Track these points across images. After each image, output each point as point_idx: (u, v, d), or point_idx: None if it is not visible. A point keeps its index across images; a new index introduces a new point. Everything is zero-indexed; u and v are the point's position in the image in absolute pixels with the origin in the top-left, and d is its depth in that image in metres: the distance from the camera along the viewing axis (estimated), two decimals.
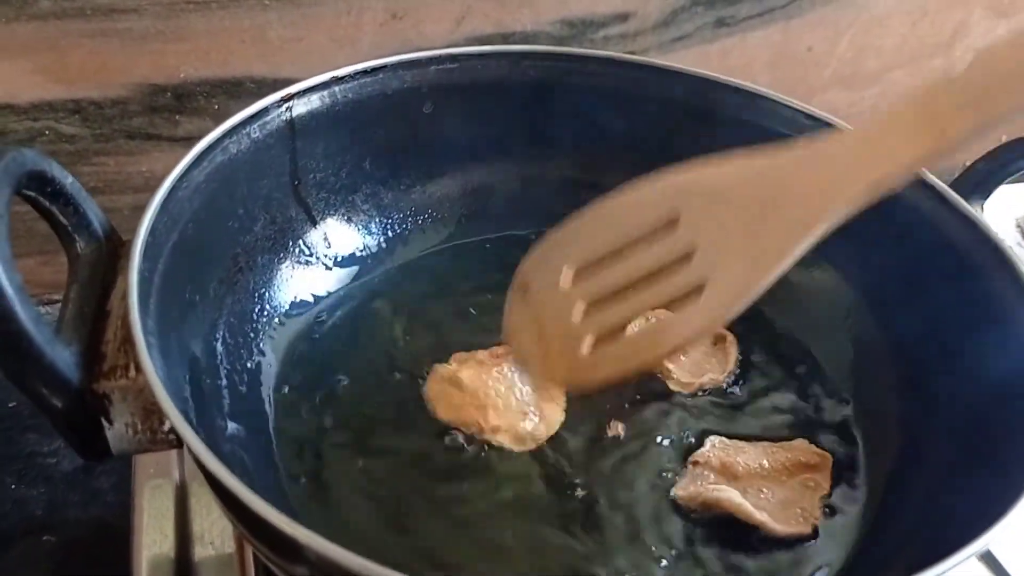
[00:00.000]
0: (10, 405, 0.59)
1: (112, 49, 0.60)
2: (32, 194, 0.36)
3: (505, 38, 0.68)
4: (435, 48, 0.66)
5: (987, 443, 0.39)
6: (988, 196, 0.48)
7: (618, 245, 0.43)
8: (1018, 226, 0.76)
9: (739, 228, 0.41)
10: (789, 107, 0.54)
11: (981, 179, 0.48)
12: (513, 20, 0.68)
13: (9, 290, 0.30)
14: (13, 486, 0.55)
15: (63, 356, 0.33)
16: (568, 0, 0.68)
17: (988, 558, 0.50)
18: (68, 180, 0.37)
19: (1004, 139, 0.91)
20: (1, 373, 0.35)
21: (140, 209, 0.66)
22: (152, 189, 0.66)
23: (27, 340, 0.31)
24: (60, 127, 0.62)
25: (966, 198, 0.47)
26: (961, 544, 0.30)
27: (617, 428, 0.48)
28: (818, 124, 0.53)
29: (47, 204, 0.37)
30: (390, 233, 0.57)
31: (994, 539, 0.31)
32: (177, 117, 0.64)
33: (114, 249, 0.40)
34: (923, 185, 0.48)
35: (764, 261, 0.40)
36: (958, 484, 0.39)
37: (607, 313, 0.42)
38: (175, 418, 0.30)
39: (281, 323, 0.50)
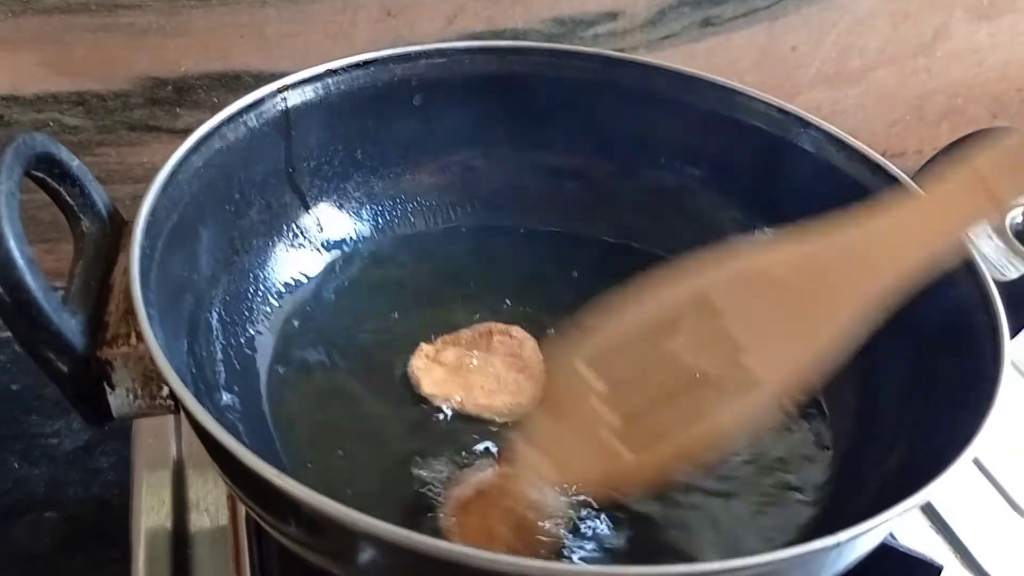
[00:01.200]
0: (13, 388, 0.61)
1: (115, 43, 0.62)
2: (41, 175, 0.38)
3: (496, 35, 0.70)
4: (428, 44, 0.68)
5: (929, 420, 0.41)
6: None
7: (652, 351, 0.40)
8: None
9: (782, 321, 0.38)
10: (767, 103, 0.55)
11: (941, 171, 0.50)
12: (505, 18, 0.69)
13: (21, 262, 0.32)
14: (16, 465, 0.56)
15: (69, 324, 0.35)
16: None
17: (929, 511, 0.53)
18: (75, 163, 0.39)
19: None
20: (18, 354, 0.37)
21: (141, 198, 0.67)
22: (152, 180, 0.68)
23: (37, 308, 0.33)
24: (64, 118, 0.64)
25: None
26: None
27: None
28: (791, 119, 0.55)
29: (55, 185, 0.39)
30: (380, 219, 0.58)
31: (932, 495, 0.33)
32: (177, 110, 0.66)
33: (117, 228, 0.42)
34: (884, 175, 0.50)
35: (812, 351, 0.38)
36: (905, 450, 0.42)
37: (646, 424, 0.39)
38: (173, 381, 0.32)
39: (275, 302, 0.52)
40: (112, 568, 0.49)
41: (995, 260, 0.72)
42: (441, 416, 0.48)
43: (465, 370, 0.50)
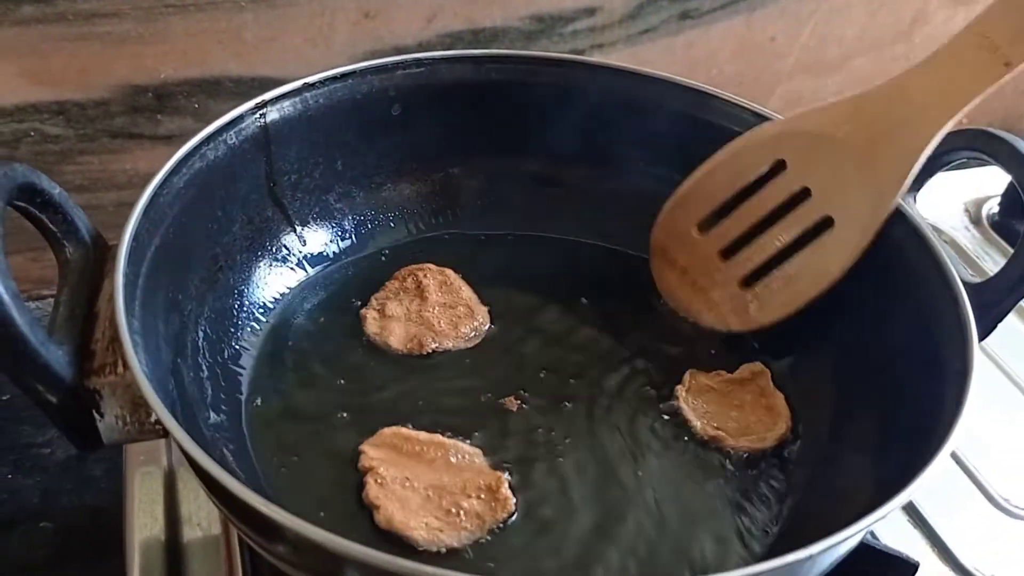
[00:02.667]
0: (3, 398, 0.61)
1: (93, 52, 0.62)
2: (23, 204, 0.38)
3: (475, 34, 0.70)
4: (407, 45, 0.68)
5: (903, 421, 0.42)
6: (920, 188, 0.51)
7: (732, 194, 0.49)
8: (966, 210, 0.79)
9: (849, 164, 0.45)
10: (742, 107, 0.56)
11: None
12: (483, 16, 0.69)
13: (6, 297, 0.33)
14: (9, 475, 0.56)
15: (56, 356, 0.35)
16: None
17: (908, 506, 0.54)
18: (56, 190, 0.39)
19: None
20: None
21: (124, 206, 0.68)
22: (135, 186, 0.68)
23: (23, 342, 0.33)
24: (45, 128, 0.64)
25: None
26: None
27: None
28: (761, 120, 0.55)
29: (37, 213, 0.39)
30: (363, 230, 0.59)
31: (914, 493, 0.34)
32: (158, 116, 0.66)
33: (101, 253, 0.42)
34: None
35: (887, 189, 0.45)
36: (880, 451, 0.43)
37: (748, 253, 0.49)
38: (160, 411, 0.33)
39: (260, 317, 0.52)
40: None
41: (972, 252, 0.73)
42: None
43: (416, 315, 0.53)
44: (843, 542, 0.33)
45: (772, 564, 0.31)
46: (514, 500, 0.44)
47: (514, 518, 0.44)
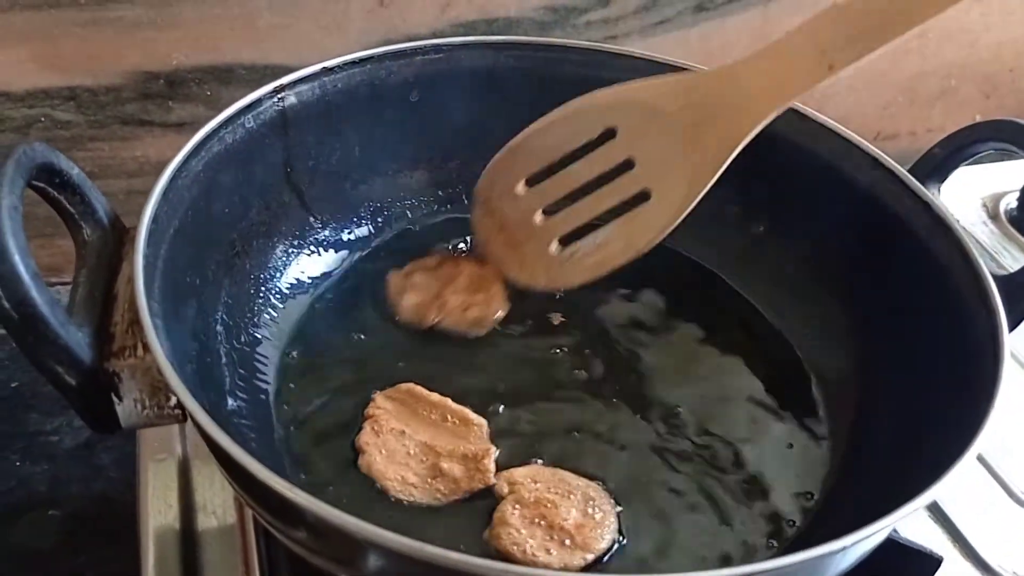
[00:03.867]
0: (12, 385, 0.61)
1: (105, 38, 0.62)
2: (42, 185, 0.38)
3: (489, 24, 0.70)
4: (420, 34, 0.68)
5: (931, 419, 0.42)
6: (944, 179, 0.51)
7: (561, 155, 0.50)
8: (984, 205, 0.79)
9: (675, 140, 0.47)
10: None
11: (937, 164, 0.51)
12: (497, 6, 0.69)
13: (26, 277, 0.32)
14: (18, 463, 0.56)
15: (76, 337, 0.35)
16: None
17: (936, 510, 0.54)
18: (74, 171, 0.39)
19: (978, 118, 0.94)
20: (16, 351, 0.37)
21: (134, 193, 0.67)
22: (145, 174, 0.68)
23: (44, 323, 0.33)
24: (56, 114, 0.64)
25: (923, 182, 0.49)
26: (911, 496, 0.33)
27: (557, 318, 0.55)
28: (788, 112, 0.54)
29: (55, 194, 0.39)
30: (379, 217, 0.58)
31: (938, 494, 0.34)
32: (169, 103, 0.66)
33: (119, 236, 0.42)
34: (883, 170, 0.50)
35: (704, 171, 0.47)
36: (907, 449, 0.42)
37: (565, 215, 0.50)
38: (181, 393, 0.33)
39: (277, 303, 0.52)
40: (115, 565, 0.50)
41: (990, 247, 0.73)
42: None
43: (436, 291, 0.54)
44: (873, 535, 0.33)
45: (803, 555, 0.31)
46: (493, 473, 0.44)
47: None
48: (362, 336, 0.53)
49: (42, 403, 0.60)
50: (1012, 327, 0.44)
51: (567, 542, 0.42)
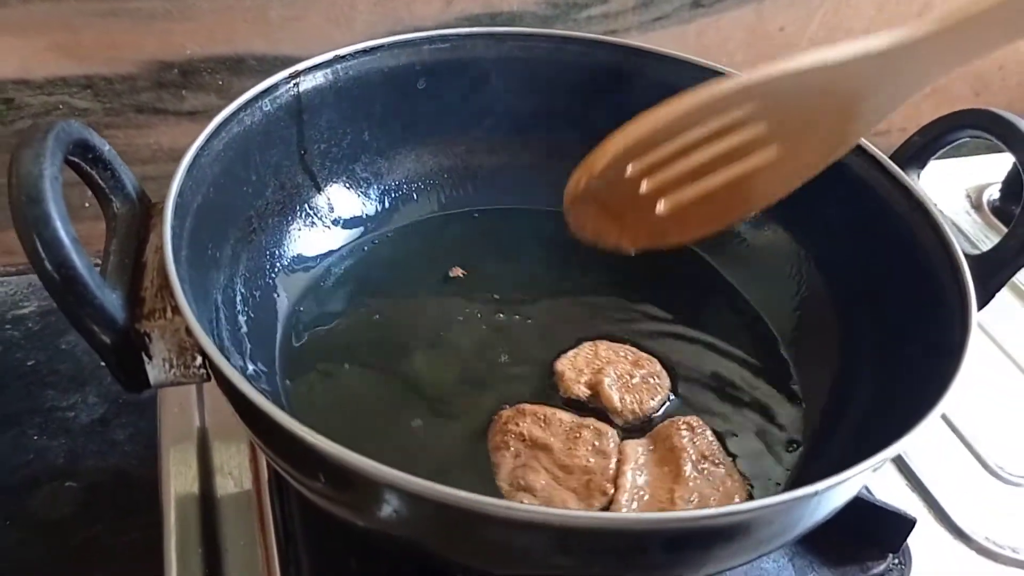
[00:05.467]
0: (29, 363, 0.63)
1: (122, 28, 0.63)
2: (76, 160, 0.40)
3: (493, 17, 0.71)
4: (426, 27, 0.70)
5: (903, 382, 0.44)
6: (924, 165, 0.53)
7: (688, 143, 0.43)
8: (967, 195, 0.81)
9: (816, 116, 0.43)
10: None
11: (917, 151, 0.52)
12: (500, 0, 0.71)
13: (67, 241, 0.35)
14: (36, 437, 0.58)
15: (111, 299, 0.37)
16: None
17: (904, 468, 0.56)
18: (106, 148, 0.41)
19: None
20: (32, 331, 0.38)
21: (147, 179, 0.68)
22: (159, 161, 0.70)
23: (82, 284, 0.35)
24: (73, 101, 0.65)
25: (903, 168, 0.51)
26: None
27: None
28: None
29: (88, 169, 0.41)
30: (387, 199, 0.60)
31: (904, 448, 0.36)
32: (183, 92, 0.67)
33: (146, 209, 0.44)
34: (865, 156, 0.53)
35: (840, 141, 0.44)
36: (879, 409, 0.45)
37: (674, 172, 0.43)
38: (209, 349, 0.35)
39: (291, 277, 0.54)
40: (133, 534, 0.52)
41: (972, 234, 0.76)
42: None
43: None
44: (845, 481, 0.35)
45: (781, 498, 0.33)
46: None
47: None
48: (370, 309, 0.55)
49: (58, 380, 0.62)
50: (984, 303, 0.46)
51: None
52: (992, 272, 0.47)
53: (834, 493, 0.35)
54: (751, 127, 0.43)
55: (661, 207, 0.44)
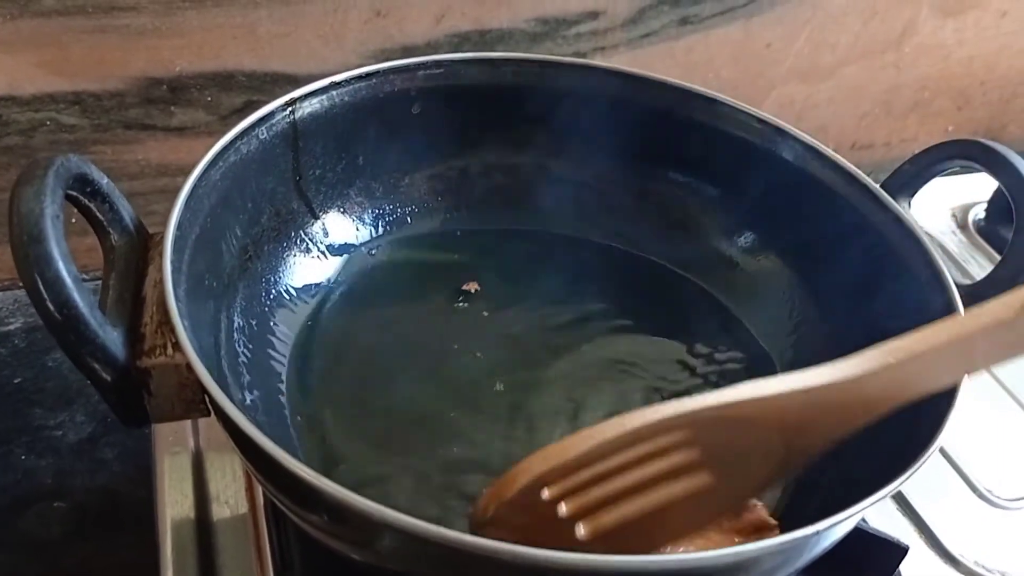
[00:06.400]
0: (15, 381, 0.62)
1: (111, 44, 0.63)
2: (74, 194, 0.40)
3: (482, 35, 0.71)
4: (416, 44, 0.70)
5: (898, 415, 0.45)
6: (914, 194, 0.54)
7: (612, 468, 0.38)
8: (953, 215, 0.82)
9: (750, 447, 0.39)
10: (744, 112, 0.58)
11: (907, 180, 0.53)
12: (490, 18, 0.71)
13: (69, 281, 0.34)
14: (23, 456, 0.57)
15: (112, 337, 0.37)
16: None
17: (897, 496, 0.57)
18: (104, 181, 0.41)
19: (951, 129, 0.96)
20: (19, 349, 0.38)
21: (136, 195, 0.69)
22: (147, 176, 0.70)
23: (84, 323, 0.35)
24: (61, 118, 0.65)
25: (894, 196, 0.52)
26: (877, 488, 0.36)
27: None
28: (769, 128, 0.58)
29: (87, 202, 0.41)
30: (381, 223, 0.60)
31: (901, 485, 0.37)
32: (172, 108, 0.67)
33: (144, 241, 0.44)
34: (856, 184, 0.53)
35: (777, 472, 0.40)
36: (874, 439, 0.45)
37: (593, 495, 0.38)
38: (212, 389, 0.35)
39: (289, 305, 0.54)
40: (122, 555, 0.52)
41: (958, 255, 0.77)
42: None
43: None
44: (845, 520, 0.35)
45: (779, 540, 0.34)
46: None
47: None
48: (366, 334, 0.55)
49: (45, 399, 0.61)
50: None
51: None
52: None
53: (833, 531, 0.36)
54: (682, 452, 0.39)
55: (581, 531, 0.38)
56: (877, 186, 0.53)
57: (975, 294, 0.48)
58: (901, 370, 0.37)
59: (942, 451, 0.59)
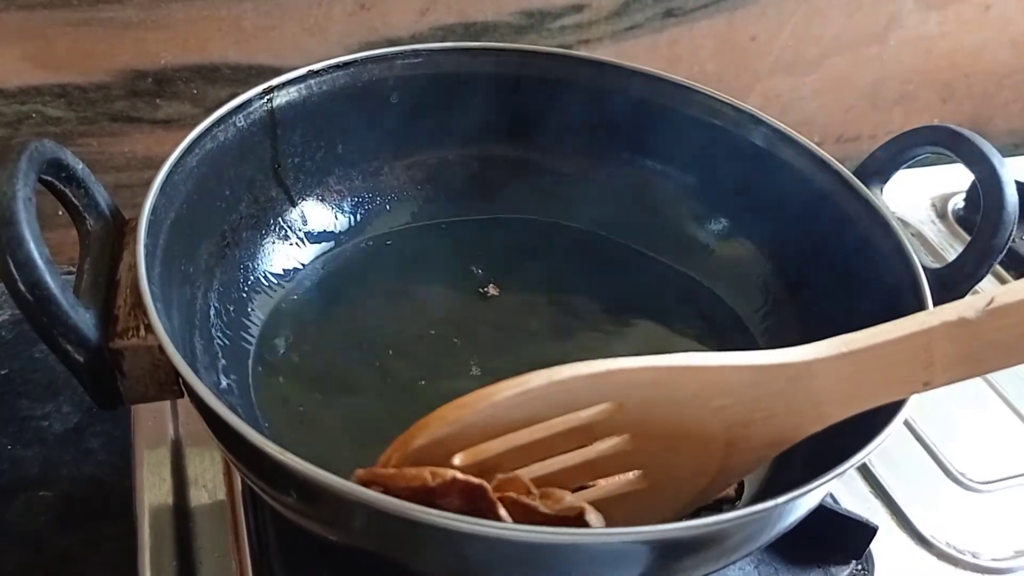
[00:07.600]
0: (2, 373, 0.63)
1: (96, 37, 0.63)
2: (49, 179, 0.41)
3: (467, 28, 0.72)
4: (401, 37, 0.70)
5: None
6: (887, 180, 0.54)
7: (534, 438, 0.35)
8: (932, 205, 0.82)
9: (687, 435, 0.36)
10: (722, 101, 0.59)
11: (880, 166, 0.53)
12: (475, 10, 0.72)
13: (40, 263, 0.35)
14: (9, 447, 0.58)
15: (84, 318, 0.37)
16: None
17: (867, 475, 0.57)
18: (79, 166, 0.42)
19: (936, 121, 0.96)
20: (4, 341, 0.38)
21: (122, 187, 0.69)
22: (133, 169, 0.70)
23: (56, 304, 0.36)
24: (46, 110, 0.65)
25: (866, 182, 0.53)
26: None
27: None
28: (745, 116, 0.58)
29: (61, 187, 0.41)
30: (360, 211, 0.61)
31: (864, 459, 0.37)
32: (157, 101, 0.68)
33: (119, 226, 0.45)
34: (829, 170, 0.54)
35: (730, 472, 0.37)
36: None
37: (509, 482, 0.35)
38: (182, 368, 0.35)
39: (265, 292, 0.55)
40: (108, 544, 0.53)
41: (937, 244, 0.77)
42: None
43: None
44: (807, 494, 0.35)
45: (743, 512, 0.34)
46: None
47: None
48: (343, 321, 0.55)
49: (32, 390, 0.62)
50: None
51: None
52: (952, 285, 0.48)
53: (795, 505, 0.36)
54: (614, 440, 0.35)
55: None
56: (849, 172, 0.53)
57: (943, 275, 0.48)
58: (855, 363, 0.35)
59: (914, 433, 0.60)
